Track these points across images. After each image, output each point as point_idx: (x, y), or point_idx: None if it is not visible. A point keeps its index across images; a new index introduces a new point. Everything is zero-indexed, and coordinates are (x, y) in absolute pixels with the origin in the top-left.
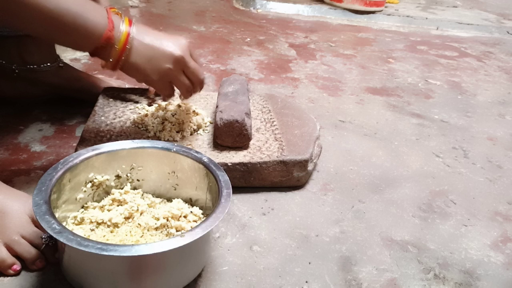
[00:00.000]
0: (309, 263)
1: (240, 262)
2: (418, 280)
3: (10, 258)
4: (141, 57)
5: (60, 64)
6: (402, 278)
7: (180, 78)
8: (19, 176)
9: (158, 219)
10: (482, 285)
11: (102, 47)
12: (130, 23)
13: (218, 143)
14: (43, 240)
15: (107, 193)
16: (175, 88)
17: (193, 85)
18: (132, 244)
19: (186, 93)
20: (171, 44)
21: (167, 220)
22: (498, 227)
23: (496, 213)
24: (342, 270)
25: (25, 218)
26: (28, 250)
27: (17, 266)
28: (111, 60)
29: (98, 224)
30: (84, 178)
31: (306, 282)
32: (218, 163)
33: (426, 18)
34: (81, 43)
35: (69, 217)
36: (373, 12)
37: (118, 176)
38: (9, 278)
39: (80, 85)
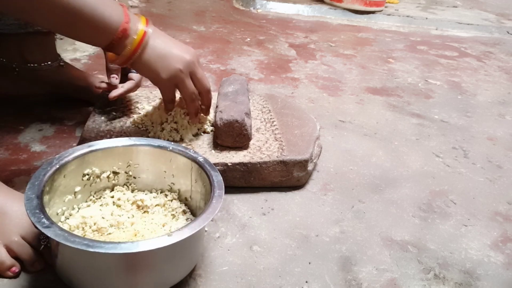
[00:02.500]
0: (309, 263)
1: (240, 262)
2: (418, 280)
3: (9, 260)
4: (154, 55)
5: (61, 63)
6: (402, 278)
7: (187, 82)
8: (19, 176)
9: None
10: (482, 285)
11: (118, 40)
12: (147, 22)
13: (218, 143)
14: (42, 241)
15: (104, 189)
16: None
17: (200, 94)
18: (119, 242)
19: (191, 103)
20: (184, 49)
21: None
22: (498, 227)
23: (496, 213)
24: (342, 270)
25: (25, 219)
26: (27, 252)
27: (16, 268)
28: (123, 54)
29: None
30: (79, 174)
31: (306, 282)
32: (218, 163)
33: (426, 18)
34: (98, 36)
35: (63, 213)
36: (373, 12)
37: (115, 173)
38: (8, 279)
39: (81, 84)
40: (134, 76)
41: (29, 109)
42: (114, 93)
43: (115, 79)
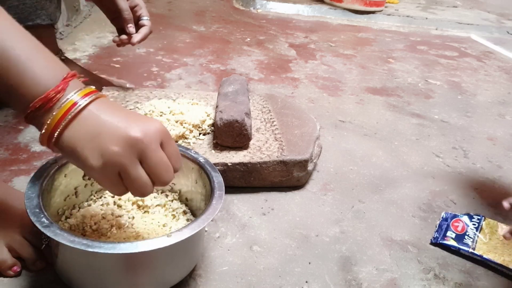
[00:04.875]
0: (309, 263)
1: (240, 262)
2: (418, 280)
3: (10, 259)
4: (82, 132)
5: (62, 57)
6: (402, 278)
7: (132, 170)
8: (19, 176)
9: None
10: (482, 285)
11: (36, 107)
12: (90, 94)
13: (218, 143)
14: (43, 240)
15: (104, 188)
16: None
17: (153, 183)
18: (118, 242)
19: (137, 193)
20: (132, 124)
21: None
22: None
23: (496, 213)
24: (342, 270)
25: (28, 218)
26: (29, 251)
27: (17, 268)
28: (43, 131)
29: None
30: (80, 173)
31: (306, 282)
32: (218, 163)
33: (426, 18)
34: (15, 93)
35: (63, 212)
36: (373, 12)
37: None
38: (9, 278)
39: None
40: (145, 21)
41: None
42: (136, 39)
43: (132, 28)
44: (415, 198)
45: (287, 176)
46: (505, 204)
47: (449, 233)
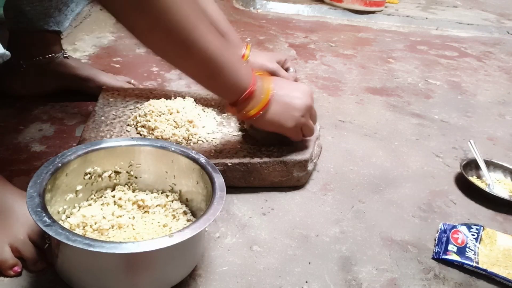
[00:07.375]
0: (309, 263)
1: (240, 262)
2: (418, 280)
3: (12, 259)
4: (276, 111)
5: (65, 55)
6: (402, 278)
7: (309, 123)
8: (19, 176)
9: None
10: (482, 285)
11: (242, 100)
12: (268, 80)
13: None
14: (47, 240)
15: (105, 188)
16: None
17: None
18: (120, 242)
19: (310, 133)
20: (301, 95)
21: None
22: (498, 227)
23: (496, 213)
24: (342, 270)
25: (31, 218)
26: (32, 251)
27: (18, 268)
28: (247, 113)
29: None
30: (81, 172)
31: (306, 282)
32: (218, 163)
33: (426, 18)
34: (228, 93)
35: (64, 211)
36: (373, 12)
37: (116, 172)
38: (9, 278)
39: (86, 73)
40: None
41: (29, 109)
42: None
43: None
44: (415, 198)
45: (287, 176)
46: None
47: (450, 247)
